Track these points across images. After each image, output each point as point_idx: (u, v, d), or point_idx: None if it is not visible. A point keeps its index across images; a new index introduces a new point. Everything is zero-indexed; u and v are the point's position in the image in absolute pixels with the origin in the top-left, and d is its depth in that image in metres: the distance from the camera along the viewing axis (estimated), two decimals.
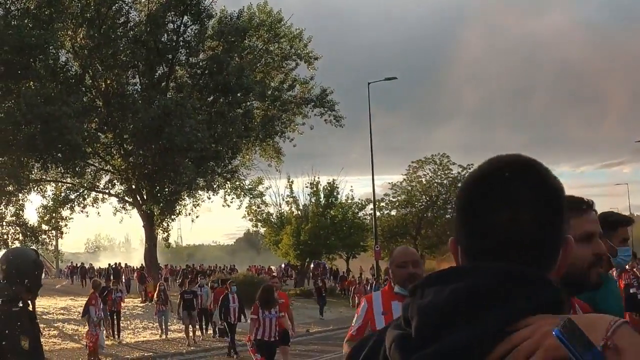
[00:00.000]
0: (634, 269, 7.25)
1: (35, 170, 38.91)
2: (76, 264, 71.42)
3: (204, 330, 27.77)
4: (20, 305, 5.32)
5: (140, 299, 41.57)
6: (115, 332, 26.74)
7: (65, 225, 43.06)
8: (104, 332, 22.26)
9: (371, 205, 52.97)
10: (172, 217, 43.02)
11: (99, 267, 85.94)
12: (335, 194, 53.48)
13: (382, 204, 67.64)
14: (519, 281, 1.43)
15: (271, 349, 15.19)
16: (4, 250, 42.30)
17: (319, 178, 53.73)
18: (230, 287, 22.43)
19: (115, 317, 26.71)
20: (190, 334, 25.59)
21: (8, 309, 5.24)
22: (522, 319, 1.37)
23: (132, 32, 41.05)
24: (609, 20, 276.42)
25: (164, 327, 27.07)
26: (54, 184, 43.30)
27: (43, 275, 6.96)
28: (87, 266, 66.45)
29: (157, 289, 28.59)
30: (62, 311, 35.30)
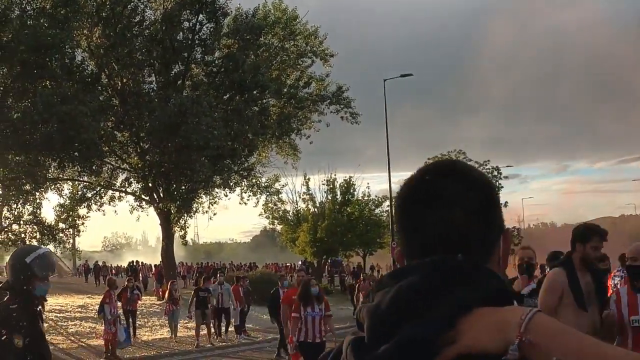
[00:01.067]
0: None
1: (52, 169, 39.03)
2: (86, 261, 71.35)
3: (224, 330, 26.28)
4: (16, 304, 5.34)
5: (157, 297, 41.75)
6: (131, 332, 25.10)
7: (82, 223, 43.31)
8: (123, 327, 22.11)
9: (388, 202, 52.91)
10: (189, 215, 43.08)
11: (117, 265, 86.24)
12: (351, 191, 53.35)
13: None
14: (456, 273, 1.47)
15: (316, 353, 12.16)
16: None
17: (335, 175, 53.62)
18: (281, 282, 21.25)
19: (130, 316, 25.44)
20: (203, 332, 24.43)
21: (5, 307, 5.28)
22: (468, 311, 1.41)
23: (147, 31, 41.11)
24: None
25: (174, 327, 25.98)
26: (70, 183, 43.49)
27: (56, 275, 6.98)
28: (100, 264, 66.65)
29: (168, 288, 27.60)
30: (79, 309, 35.47)
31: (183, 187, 41.00)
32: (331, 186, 52.86)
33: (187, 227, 43.87)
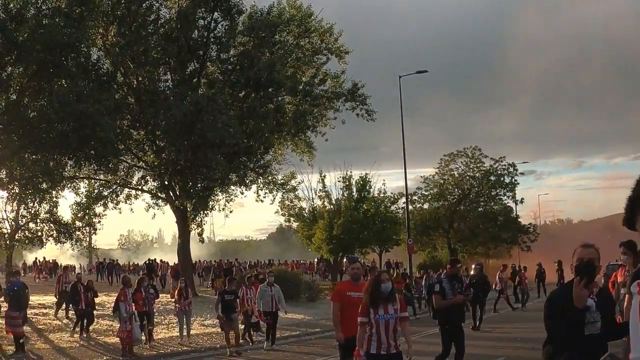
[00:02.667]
0: None
1: (69, 168, 39.15)
2: (103, 259, 70.96)
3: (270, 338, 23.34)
4: None
5: (173, 295, 41.93)
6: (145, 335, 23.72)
7: (99, 221, 43.51)
8: (138, 324, 22.04)
9: (404, 199, 52.89)
10: (205, 212, 43.13)
11: (134, 263, 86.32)
12: (367, 187, 53.32)
13: (415, 197, 67.51)
14: None
15: None
16: (38, 247, 42.92)
17: (351, 172, 53.63)
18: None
19: (145, 318, 23.40)
20: (232, 340, 21.93)
21: None
22: None
23: (162, 29, 41.21)
24: None
25: (185, 327, 24.99)
26: (87, 181, 43.67)
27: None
28: (114, 262, 66.20)
29: (178, 286, 26.58)
30: (96, 307, 35.58)
31: (199, 185, 41.09)
32: (347, 183, 52.86)
33: (204, 225, 43.97)
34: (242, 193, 46.07)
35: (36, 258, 68.15)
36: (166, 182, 42.70)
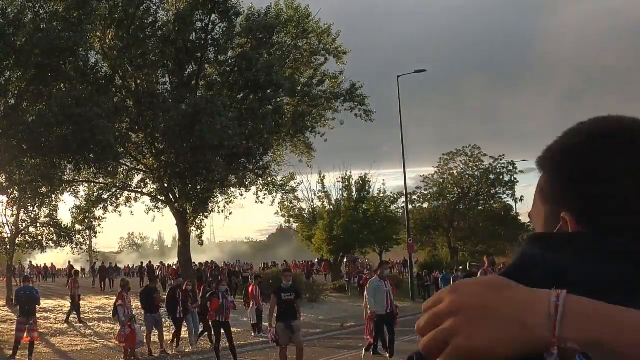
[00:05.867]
0: None
1: (68, 171, 39.18)
2: (94, 262, 68.21)
3: None
4: None
5: None
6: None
7: (99, 225, 43.53)
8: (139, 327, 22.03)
9: (403, 199, 52.92)
10: (205, 214, 43.14)
11: (132, 265, 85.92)
12: (367, 188, 53.40)
13: (414, 196, 67.59)
14: None
15: None
16: (38, 251, 42.94)
17: (350, 172, 53.74)
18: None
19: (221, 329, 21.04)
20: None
21: None
22: None
23: (160, 32, 41.20)
24: None
25: (193, 335, 23.76)
26: (86, 185, 43.66)
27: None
28: (107, 266, 62.54)
29: (184, 288, 24.88)
30: (97, 310, 35.66)
31: (199, 187, 41.09)
32: (346, 183, 53.00)
33: (204, 227, 43.97)
34: (242, 194, 46.10)
35: (30, 262, 67.72)
36: (165, 185, 42.69)
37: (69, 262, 60.92)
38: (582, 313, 1.02)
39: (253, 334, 27.18)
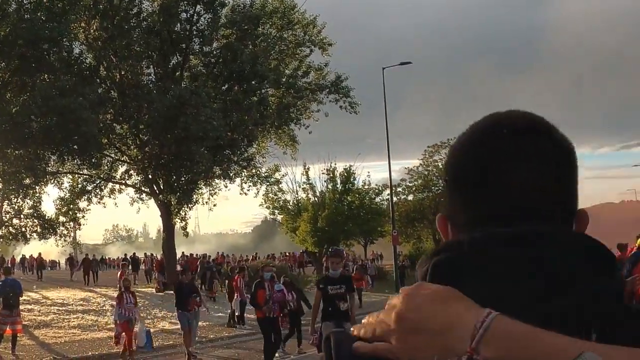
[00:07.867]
0: None
1: (52, 163, 39.01)
2: (70, 254, 63.58)
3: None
4: None
5: (157, 287, 42.15)
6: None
7: (83, 216, 43.31)
8: (145, 330, 21.73)
9: (388, 191, 52.91)
10: (189, 206, 43.07)
11: (118, 257, 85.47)
12: (352, 179, 53.35)
13: (399, 189, 67.69)
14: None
15: None
16: (22, 244, 42.64)
17: (335, 164, 53.64)
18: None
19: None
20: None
21: None
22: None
23: (145, 23, 41.07)
24: None
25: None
26: (70, 176, 43.44)
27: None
28: (90, 258, 57.16)
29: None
30: (81, 302, 35.55)
31: (183, 179, 41.01)
32: (331, 175, 52.90)
33: (188, 219, 43.89)
34: (226, 186, 46.03)
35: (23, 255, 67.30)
36: (150, 176, 42.59)
37: (70, 253, 60.50)
38: (504, 332, 1.04)
39: (237, 326, 27.18)
